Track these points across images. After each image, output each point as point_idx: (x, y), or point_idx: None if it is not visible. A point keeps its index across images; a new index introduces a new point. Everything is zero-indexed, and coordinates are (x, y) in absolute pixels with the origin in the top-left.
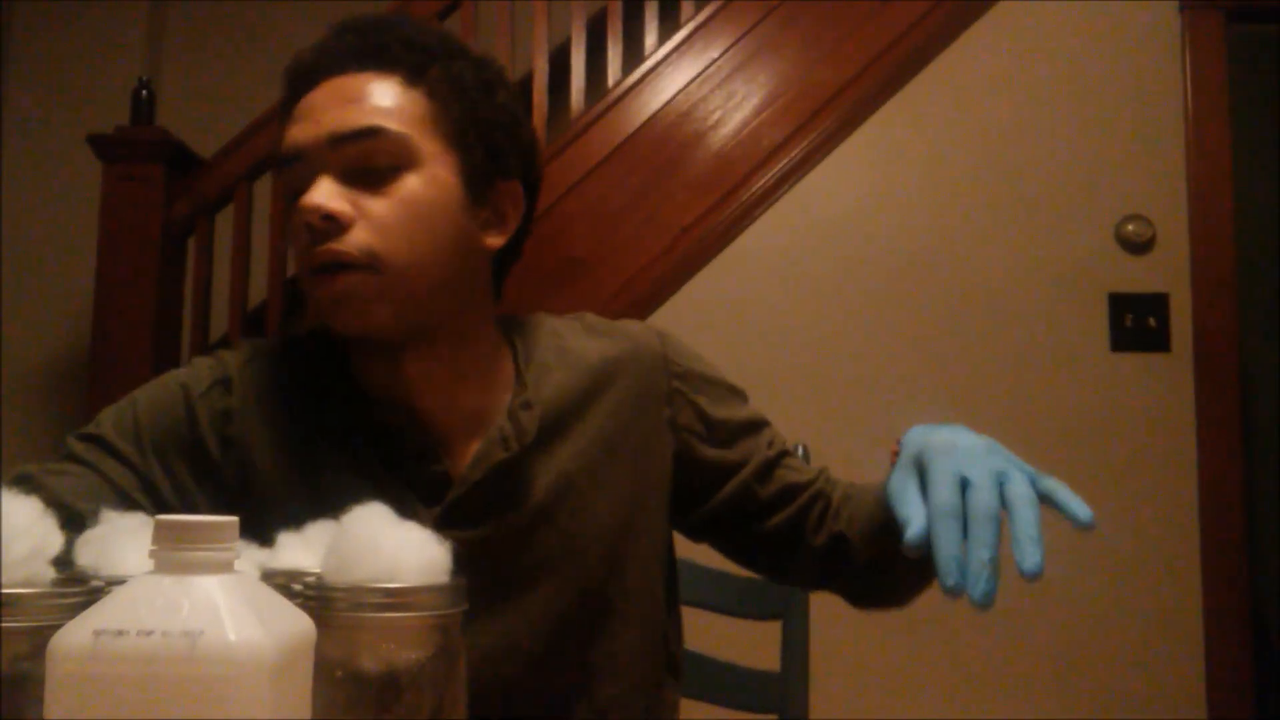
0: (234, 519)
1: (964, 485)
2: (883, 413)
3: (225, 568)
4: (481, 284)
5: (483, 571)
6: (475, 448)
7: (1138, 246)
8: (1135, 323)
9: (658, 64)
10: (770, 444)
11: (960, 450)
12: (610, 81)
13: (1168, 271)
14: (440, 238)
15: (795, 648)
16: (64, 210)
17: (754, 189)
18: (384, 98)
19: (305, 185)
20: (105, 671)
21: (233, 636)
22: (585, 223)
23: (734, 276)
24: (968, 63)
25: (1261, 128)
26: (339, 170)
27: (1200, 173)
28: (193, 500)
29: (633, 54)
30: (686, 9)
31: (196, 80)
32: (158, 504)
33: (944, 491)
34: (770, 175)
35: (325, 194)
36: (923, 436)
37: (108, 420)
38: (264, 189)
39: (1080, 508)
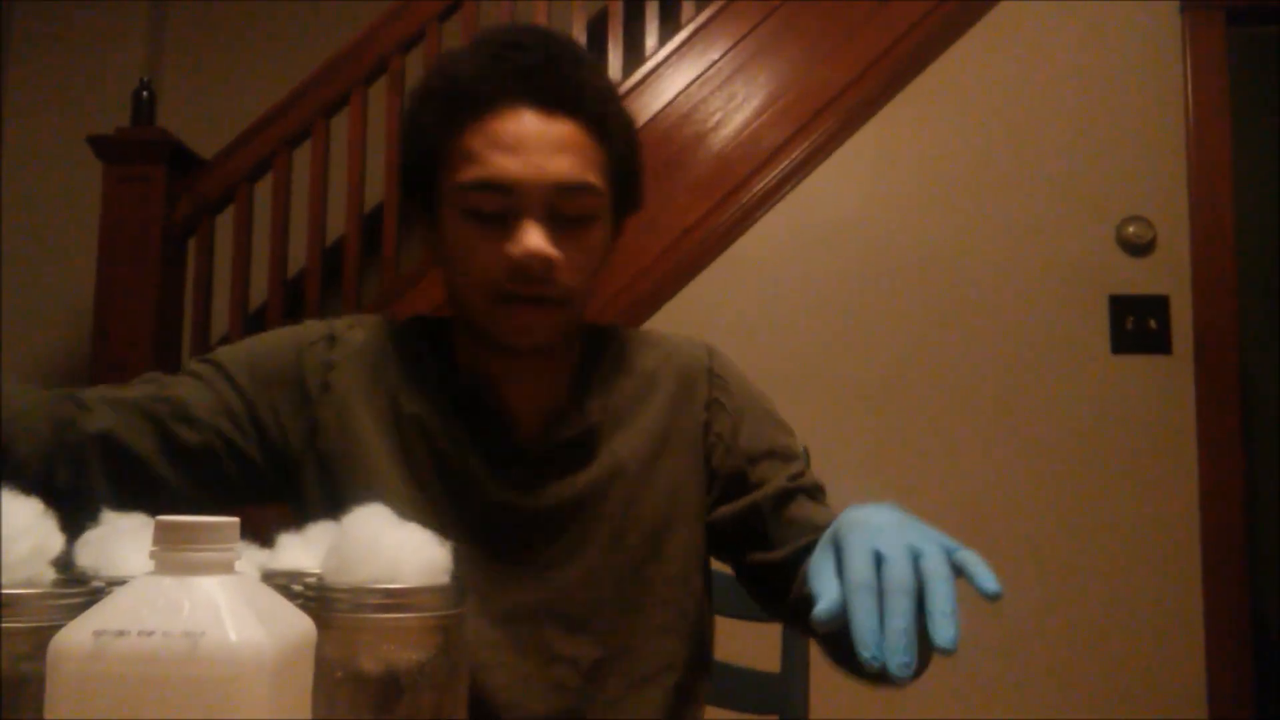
0: (235, 520)
1: (879, 560)
2: (883, 414)
3: (226, 568)
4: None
5: (536, 536)
6: (542, 427)
7: (1138, 248)
8: (1136, 325)
9: (658, 65)
10: (794, 477)
11: (874, 526)
12: None
13: (1168, 273)
14: (599, 271)
15: (795, 648)
16: (65, 211)
17: (755, 190)
18: (589, 152)
19: (505, 217)
20: (106, 672)
21: (234, 637)
22: None
23: (735, 278)
24: (968, 64)
25: (1262, 129)
26: (546, 211)
27: (1201, 174)
28: (287, 435)
29: (633, 55)
30: (687, 10)
31: (197, 81)
32: (259, 432)
33: (858, 566)
34: (771, 177)
35: (542, 241)
36: (843, 515)
37: (225, 352)
38: (264, 189)
39: (988, 581)
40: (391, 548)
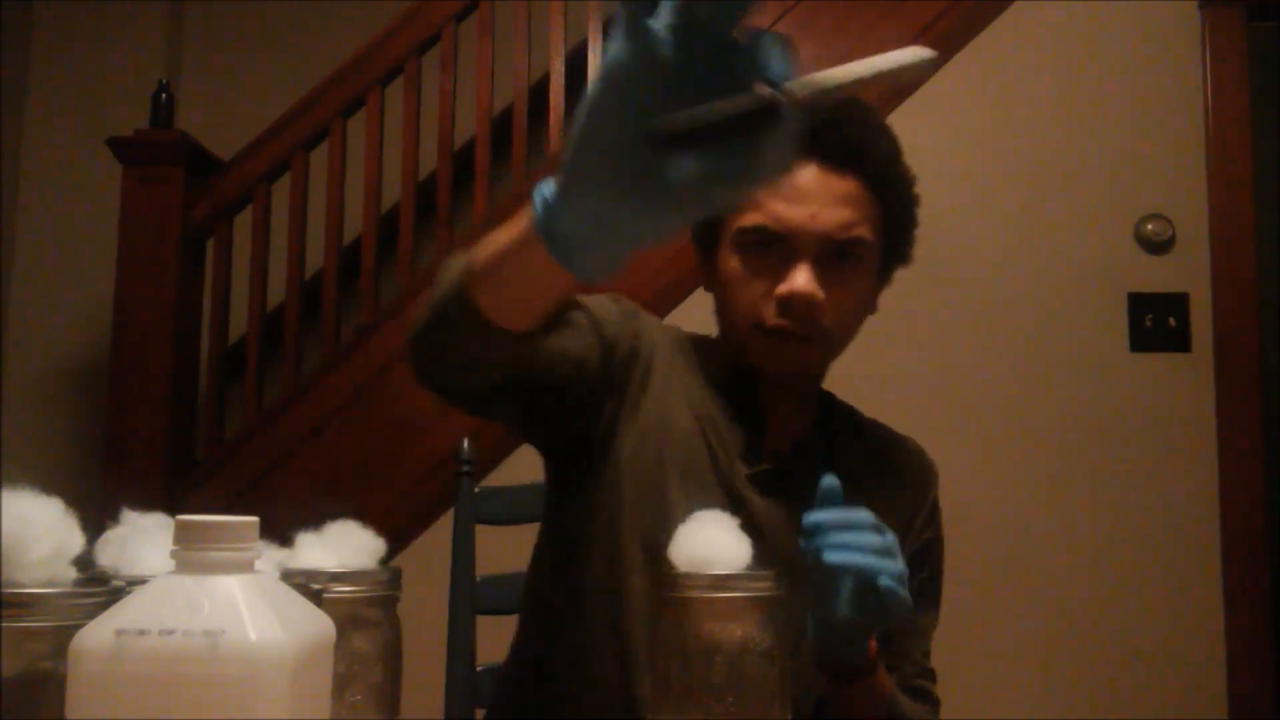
0: (254, 519)
1: None
2: (900, 412)
3: (246, 567)
4: None
5: (765, 541)
6: (789, 443)
7: (1157, 246)
8: (1155, 323)
9: None
10: (920, 670)
11: None
12: None
13: (1188, 271)
14: (859, 317)
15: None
16: (84, 212)
17: None
18: (865, 207)
19: (780, 258)
20: (127, 671)
21: (254, 636)
22: None
23: None
24: (985, 62)
25: None
26: (817, 257)
27: (1220, 172)
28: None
29: None
30: None
31: (215, 83)
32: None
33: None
34: None
35: (812, 283)
36: None
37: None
38: (281, 191)
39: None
40: (720, 543)
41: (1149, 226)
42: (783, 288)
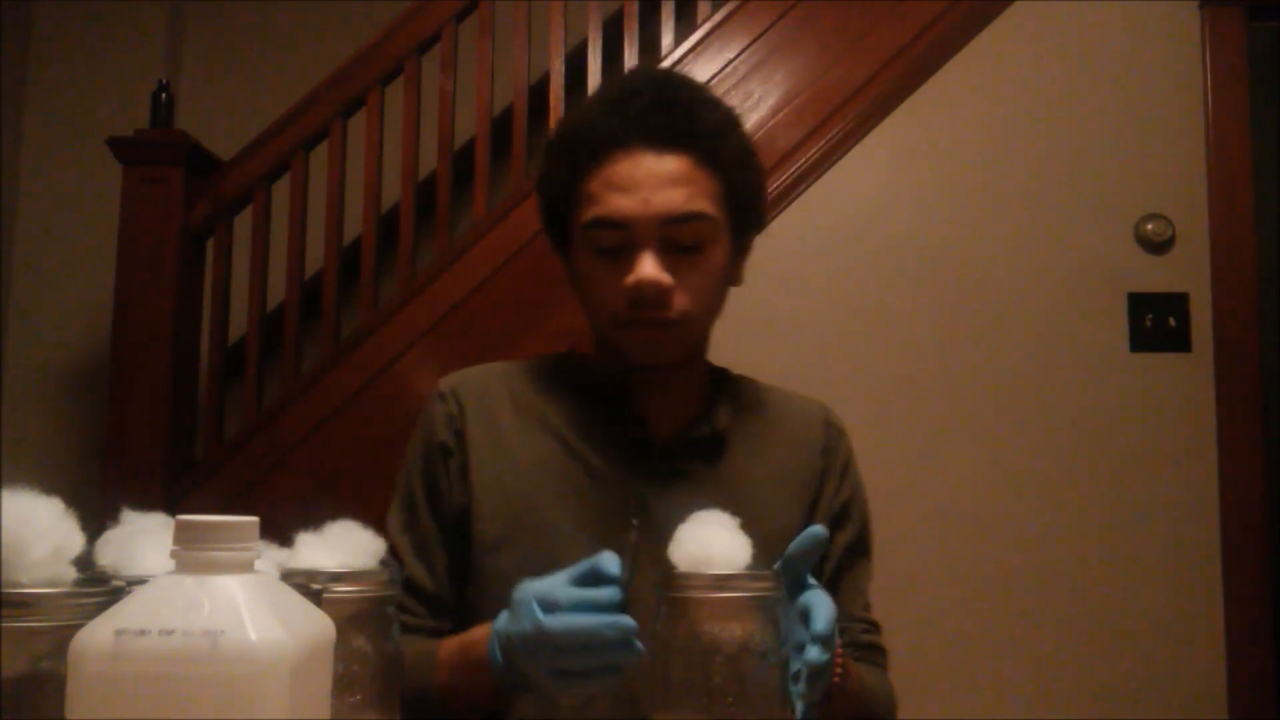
0: (254, 519)
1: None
2: (899, 413)
3: (246, 567)
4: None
5: (663, 531)
6: (674, 430)
7: (1157, 246)
8: (1155, 322)
9: (674, 65)
10: (848, 564)
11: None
12: None
13: (1187, 271)
14: (719, 293)
15: None
16: (83, 212)
17: (771, 189)
18: (700, 182)
19: (624, 249)
20: (127, 671)
21: (254, 636)
22: None
23: (750, 277)
24: (985, 62)
25: None
26: (658, 242)
27: (1220, 171)
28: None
29: (649, 55)
30: (703, 9)
31: (215, 82)
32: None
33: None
34: (787, 176)
35: (656, 269)
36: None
37: (400, 511)
38: (282, 191)
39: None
40: (720, 543)
41: (1149, 226)
42: (630, 278)
